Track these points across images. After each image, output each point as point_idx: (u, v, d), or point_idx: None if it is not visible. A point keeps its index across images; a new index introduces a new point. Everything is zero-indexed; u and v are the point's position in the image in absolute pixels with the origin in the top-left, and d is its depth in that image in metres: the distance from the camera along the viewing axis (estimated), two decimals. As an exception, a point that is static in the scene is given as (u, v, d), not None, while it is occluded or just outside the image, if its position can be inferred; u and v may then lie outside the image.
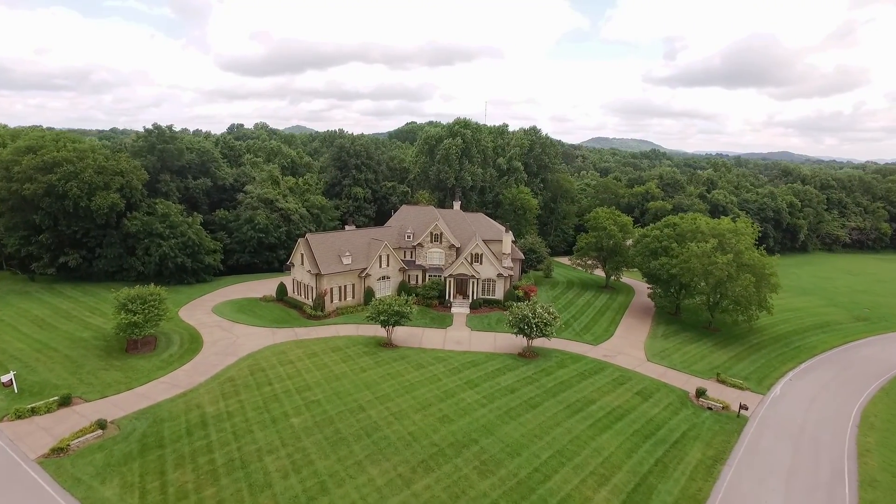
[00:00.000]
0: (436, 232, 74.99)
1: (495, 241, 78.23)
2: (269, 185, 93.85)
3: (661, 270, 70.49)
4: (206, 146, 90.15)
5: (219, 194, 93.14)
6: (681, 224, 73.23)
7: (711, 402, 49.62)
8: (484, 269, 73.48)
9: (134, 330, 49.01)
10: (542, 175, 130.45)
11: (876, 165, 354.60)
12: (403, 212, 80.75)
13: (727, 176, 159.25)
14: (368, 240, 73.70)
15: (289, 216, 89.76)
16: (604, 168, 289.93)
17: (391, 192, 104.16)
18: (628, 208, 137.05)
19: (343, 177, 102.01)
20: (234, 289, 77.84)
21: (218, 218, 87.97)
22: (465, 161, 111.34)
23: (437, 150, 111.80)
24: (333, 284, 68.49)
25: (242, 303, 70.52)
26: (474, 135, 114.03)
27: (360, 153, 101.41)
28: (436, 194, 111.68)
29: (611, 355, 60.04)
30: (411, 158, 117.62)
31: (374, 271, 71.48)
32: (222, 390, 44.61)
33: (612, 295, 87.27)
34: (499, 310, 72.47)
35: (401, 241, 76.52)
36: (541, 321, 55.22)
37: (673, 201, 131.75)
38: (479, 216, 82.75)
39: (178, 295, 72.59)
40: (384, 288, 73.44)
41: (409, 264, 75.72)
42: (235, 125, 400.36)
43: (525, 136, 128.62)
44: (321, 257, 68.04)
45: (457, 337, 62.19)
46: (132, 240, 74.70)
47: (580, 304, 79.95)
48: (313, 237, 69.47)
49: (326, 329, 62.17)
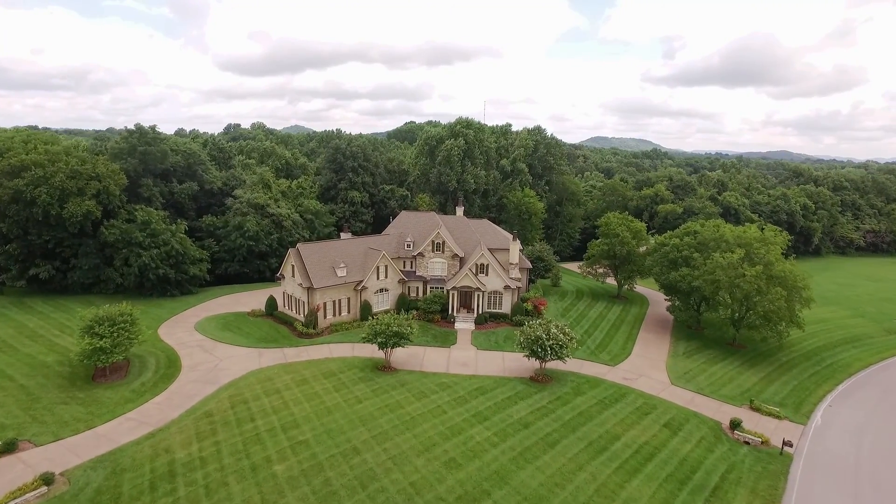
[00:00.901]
0: (438, 241, 69.54)
1: (501, 249, 72.78)
2: (260, 188, 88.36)
3: (681, 282, 65.09)
4: (192, 148, 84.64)
5: (207, 199, 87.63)
6: (702, 232, 67.80)
7: (749, 435, 44.21)
8: (490, 280, 68.05)
9: (100, 357, 43.44)
10: (547, 177, 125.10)
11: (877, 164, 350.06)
12: (403, 218, 75.30)
13: (737, 177, 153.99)
14: (365, 249, 68.22)
15: (280, 222, 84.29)
16: (606, 168, 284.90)
17: (389, 195, 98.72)
18: (637, 211, 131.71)
19: (339, 180, 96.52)
20: (222, 301, 72.31)
21: (205, 224, 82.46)
22: (468, 163, 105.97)
23: (437, 151, 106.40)
24: (327, 299, 63.01)
25: (229, 318, 64.98)
26: (477, 135, 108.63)
27: (356, 155, 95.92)
28: (437, 198, 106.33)
29: (631, 378, 54.64)
30: (411, 160, 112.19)
31: (371, 284, 66.01)
32: (197, 429, 39.09)
33: (625, 306, 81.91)
34: (506, 325, 67.11)
35: (400, 250, 71.06)
36: (556, 343, 49.79)
37: (683, 204, 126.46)
38: (484, 223, 77.33)
39: (159, 309, 67.15)
40: (382, 301, 68.00)
41: (408, 275, 70.26)
42: (232, 125, 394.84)
43: (529, 137, 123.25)
44: (313, 269, 62.54)
45: (462, 358, 56.74)
46: (110, 249, 69.16)
47: (592, 317, 74.56)
48: (305, 247, 63.99)
49: (319, 349, 56.69)
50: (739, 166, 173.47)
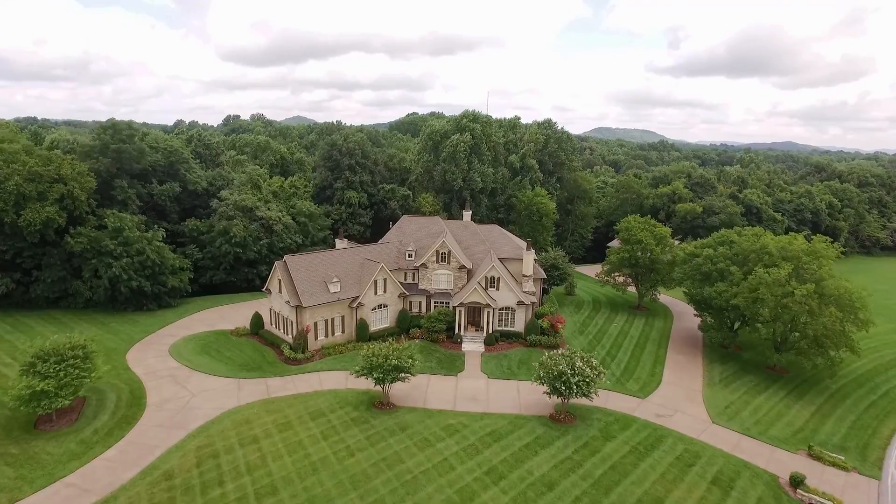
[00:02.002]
0: (443, 250, 62.26)
1: (514, 259, 65.50)
2: (249, 189, 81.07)
3: (717, 299, 57.72)
4: (173, 145, 77.22)
5: (191, 200, 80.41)
6: (740, 242, 60.25)
7: (816, 497, 37.05)
8: (501, 295, 60.84)
9: (41, 402, 36.42)
10: (558, 174, 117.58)
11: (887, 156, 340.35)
12: (404, 224, 67.98)
13: (757, 173, 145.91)
14: (361, 261, 60.99)
15: (271, 226, 77.07)
16: (613, 161, 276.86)
17: (390, 195, 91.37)
18: (653, 210, 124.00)
19: (335, 179, 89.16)
20: (204, 317, 65.27)
21: (188, 229, 75.27)
22: (474, 159, 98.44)
23: (442, 146, 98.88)
24: (318, 318, 55.91)
25: (208, 339, 57.96)
26: (484, 129, 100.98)
27: (353, 152, 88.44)
28: (441, 197, 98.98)
29: (665, 414, 47.48)
30: (413, 157, 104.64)
31: (368, 300, 58.86)
32: (151, 499, 32.08)
33: (647, 319, 74.66)
34: (519, 345, 60.02)
35: (400, 260, 63.84)
36: (582, 379, 42.61)
37: (703, 203, 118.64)
38: (494, 229, 69.97)
39: (132, 327, 60.16)
40: (381, 318, 60.90)
41: (410, 288, 63.10)
42: (231, 116, 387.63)
43: (539, 131, 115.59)
44: (303, 285, 55.38)
45: (471, 389, 49.64)
46: (77, 260, 62.13)
47: (613, 334, 67.34)
48: (293, 260, 56.78)
49: (307, 379, 49.65)
50: (758, 161, 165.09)
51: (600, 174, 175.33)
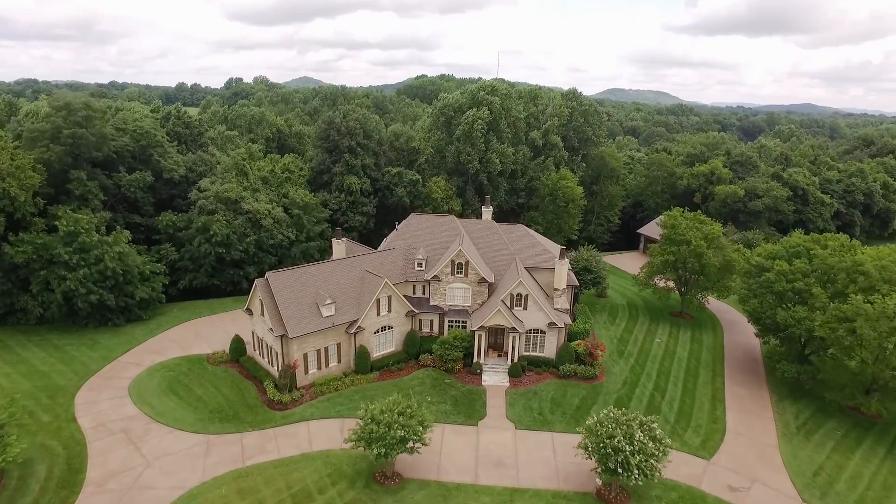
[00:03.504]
0: (459, 260, 51.75)
1: (544, 269, 55.05)
2: (234, 176, 70.30)
3: (794, 327, 47.13)
4: (144, 126, 66.09)
5: (168, 190, 69.91)
6: (824, 256, 49.07)
7: None
8: (529, 316, 50.64)
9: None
10: (583, 150, 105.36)
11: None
12: (412, 224, 57.33)
13: (800, 148, 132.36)
14: (360, 274, 50.70)
15: (258, 221, 66.65)
16: (631, 127, 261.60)
17: (396, 180, 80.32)
18: (687, 192, 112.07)
19: (333, 162, 78.05)
20: (178, 334, 55.73)
21: (162, 225, 65.07)
22: (492, 137, 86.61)
23: (455, 123, 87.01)
24: (308, 348, 46.11)
25: (180, 369, 48.46)
26: (504, 103, 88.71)
27: (354, 131, 76.98)
28: (454, 181, 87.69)
29: (741, 487, 37.75)
30: (422, 134, 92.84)
31: (369, 322, 48.89)
32: None
33: (693, 331, 64.50)
34: (550, 376, 50.20)
35: (408, 270, 53.53)
36: (644, 459, 32.70)
37: (744, 184, 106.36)
38: (519, 230, 59.13)
39: (91, 351, 50.75)
40: (385, 342, 51.05)
41: (419, 304, 53.01)
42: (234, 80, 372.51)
43: (564, 103, 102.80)
44: (289, 309, 45.34)
45: (496, 447, 40.04)
46: (24, 271, 52.35)
47: (658, 355, 57.26)
48: (277, 277, 46.52)
49: (294, 433, 40.21)
50: (801, 134, 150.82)
51: (624, 146, 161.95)
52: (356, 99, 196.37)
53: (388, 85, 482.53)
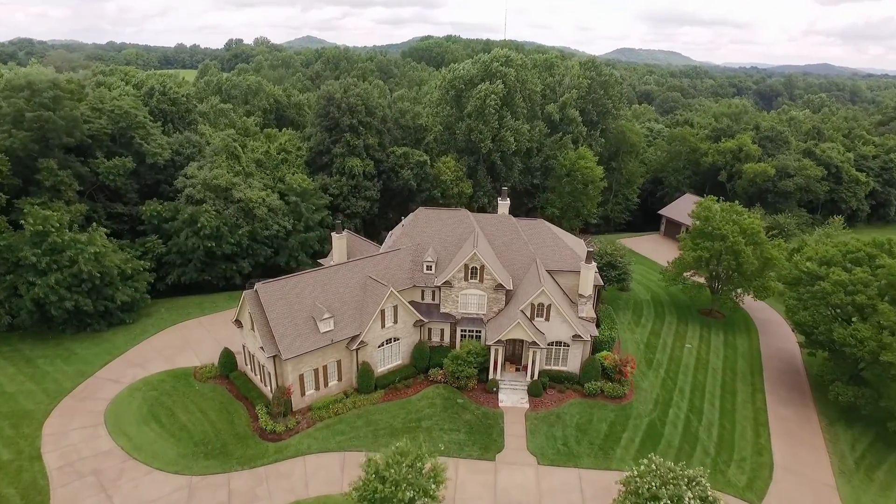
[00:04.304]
0: (473, 264, 46.03)
1: (567, 272, 49.37)
2: (224, 160, 64.10)
3: (856, 347, 41.54)
4: (123, 106, 59.54)
5: (153, 175, 63.89)
6: (892, 264, 43.01)
7: None
8: (552, 328, 45.30)
9: None
10: (602, 124, 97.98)
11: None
12: (420, 220, 51.34)
13: (832, 120, 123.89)
14: (362, 280, 45.15)
15: (251, 210, 60.87)
16: (644, 92, 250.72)
17: (402, 162, 73.86)
18: (712, 170, 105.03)
19: (333, 142, 71.50)
20: (165, 340, 50.73)
21: (146, 216, 59.41)
22: (506, 113, 79.57)
23: (466, 97, 79.86)
24: (305, 369, 41.04)
25: (164, 386, 43.62)
26: (519, 75, 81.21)
27: (355, 108, 70.11)
28: (464, 160, 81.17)
29: (798, 542, 33.03)
30: (430, 109, 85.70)
31: (372, 336, 43.66)
32: None
33: (725, 333, 59.31)
34: (574, 394, 45.24)
35: (416, 274, 47.94)
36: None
37: (774, 162, 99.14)
38: (539, 226, 53.05)
39: (65, 365, 45.90)
40: (390, 356, 45.95)
41: (429, 312, 47.65)
42: (234, 41, 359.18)
43: (583, 74, 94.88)
44: (282, 326, 40.05)
45: (516, 490, 35.31)
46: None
47: (690, 365, 52.12)
48: (268, 289, 41.00)
49: (288, 471, 35.53)
50: (834, 105, 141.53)
51: (640, 115, 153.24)
52: (360, 63, 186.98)
53: (392, 45, 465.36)
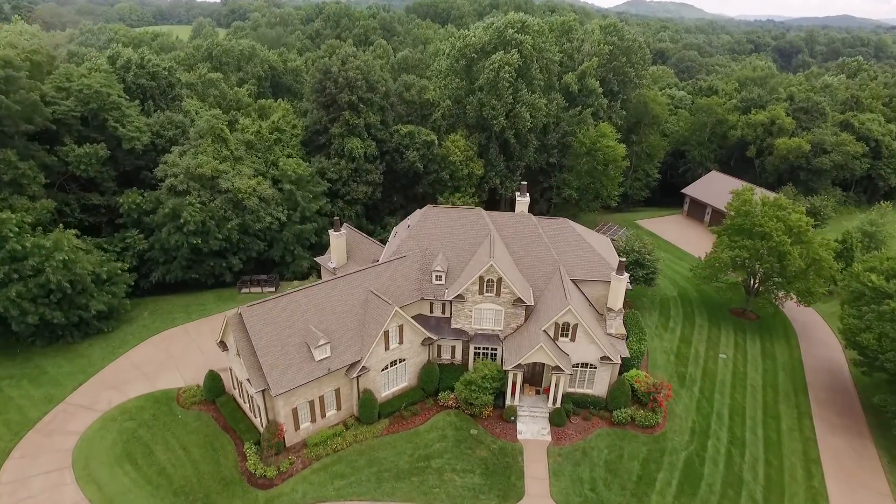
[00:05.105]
0: (490, 276, 40.41)
1: (595, 282, 43.77)
2: (210, 143, 57.78)
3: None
4: (92, 84, 52.79)
5: (132, 160, 57.70)
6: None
7: None
8: (577, 349, 40.10)
9: None
10: (623, 94, 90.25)
11: None
12: (428, 220, 45.36)
13: (870, 86, 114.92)
14: (362, 297, 39.67)
15: (240, 201, 55.01)
16: (659, 50, 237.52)
17: (407, 142, 67.23)
18: (740, 144, 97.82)
19: (330, 121, 64.78)
20: (146, 352, 45.83)
21: (125, 208, 53.68)
22: (522, 86, 72.19)
23: (478, 68, 72.32)
24: (299, 401, 36.11)
25: (143, 414, 38.90)
26: (536, 43, 73.32)
27: (354, 83, 63.02)
28: (475, 137, 74.31)
29: None
30: (438, 82, 78.16)
31: (374, 361, 38.55)
32: None
33: (762, 339, 54.28)
34: (601, 422, 40.53)
35: (424, 284, 42.43)
36: None
37: (809, 136, 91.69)
38: (563, 227, 46.93)
39: (32, 388, 41.16)
40: (395, 379, 40.98)
41: (438, 327, 42.42)
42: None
43: (604, 39, 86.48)
44: (270, 356, 34.85)
45: (541, 555, 30.83)
46: (-58, 286, 41.86)
47: (725, 380, 47.15)
48: (254, 314, 35.53)
49: (279, 531, 31.06)
50: (868, 68, 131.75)
51: (660, 79, 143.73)
52: (362, 20, 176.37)
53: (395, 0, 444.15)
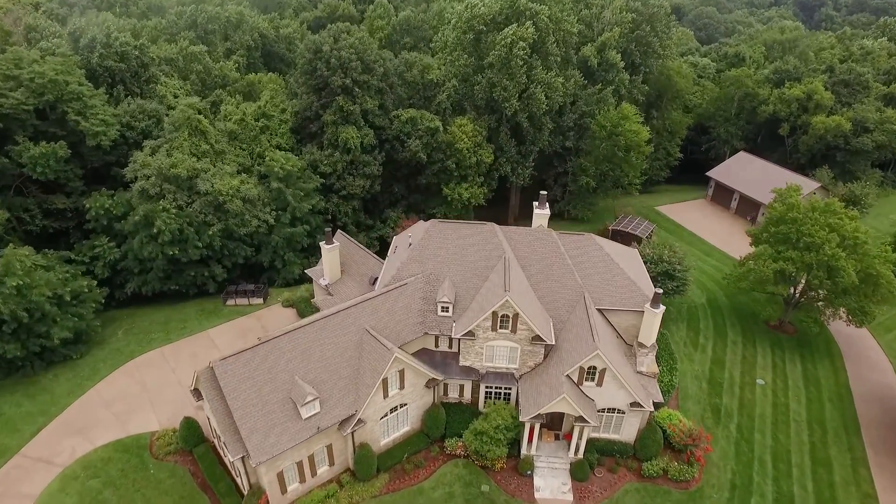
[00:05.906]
0: (505, 312, 34.72)
1: (624, 311, 38.13)
2: (186, 136, 51.28)
3: None
4: (44, 72, 45.84)
5: (101, 156, 51.33)
6: None
7: None
8: (604, 394, 34.89)
9: None
10: (645, 67, 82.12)
11: None
12: (433, 239, 39.36)
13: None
14: (357, 337, 34.11)
15: (222, 205, 48.99)
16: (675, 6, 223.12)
17: (409, 129, 60.45)
18: (771, 121, 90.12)
19: (322, 107, 57.83)
20: (117, 384, 40.83)
21: (91, 213, 47.81)
22: (537, 63, 64.64)
23: (488, 44, 64.54)
24: (285, 464, 31.15)
25: (110, 469, 34.15)
26: (553, 15, 65.25)
27: (348, 65, 55.71)
28: (483, 120, 67.23)
29: None
30: (443, 57, 70.30)
31: (372, 412, 33.42)
32: None
33: (803, 359, 48.99)
34: (630, 474, 35.76)
35: (427, 315, 36.84)
36: None
37: (850, 113, 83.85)
38: (588, 244, 40.80)
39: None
40: (396, 425, 36.00)
41: (444, 365, 37.16)
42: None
43: (626, 6, 77.77)
44: (249, 419, 29.66)
45: None
46: None
47: (765, 414, 42.21)
48: (227, 369, 30.07)
49: None
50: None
51: (679, 42, 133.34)
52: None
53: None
